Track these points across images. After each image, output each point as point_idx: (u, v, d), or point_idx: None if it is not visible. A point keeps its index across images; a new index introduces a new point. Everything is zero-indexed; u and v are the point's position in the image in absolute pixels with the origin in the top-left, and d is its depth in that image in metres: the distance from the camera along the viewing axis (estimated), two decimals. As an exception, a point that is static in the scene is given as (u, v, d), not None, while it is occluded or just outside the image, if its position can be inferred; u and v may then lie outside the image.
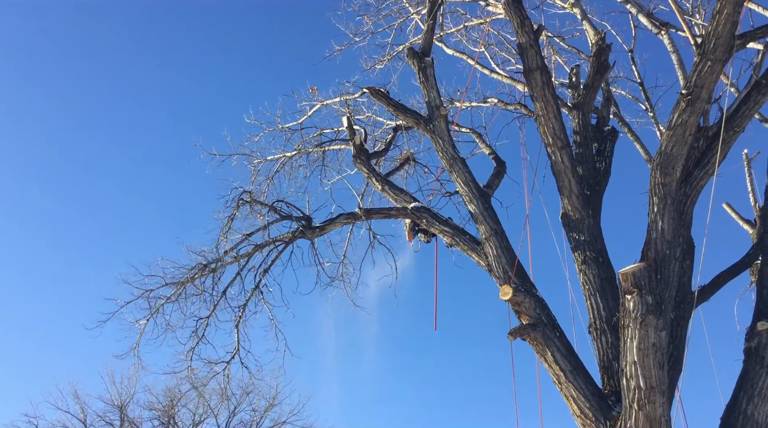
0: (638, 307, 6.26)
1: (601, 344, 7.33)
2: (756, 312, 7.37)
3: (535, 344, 7.23)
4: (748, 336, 7.20)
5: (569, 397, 6.88)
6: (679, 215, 7.20)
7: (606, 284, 7.65)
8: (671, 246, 6.87)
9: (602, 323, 7.41)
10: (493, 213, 8.41)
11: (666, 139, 6.99)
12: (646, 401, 6.12)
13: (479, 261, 8.21)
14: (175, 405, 33.60)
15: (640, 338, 6.22)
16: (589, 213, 8.16)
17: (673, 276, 6.88)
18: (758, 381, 6.86)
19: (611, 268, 7.82)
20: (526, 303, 7.40)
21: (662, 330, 6.30)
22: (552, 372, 7.09)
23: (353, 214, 9.11)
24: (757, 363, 6.96)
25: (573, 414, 6.85)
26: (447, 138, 8.87)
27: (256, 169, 11.89)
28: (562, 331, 7.35)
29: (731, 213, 9.40)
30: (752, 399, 6.79)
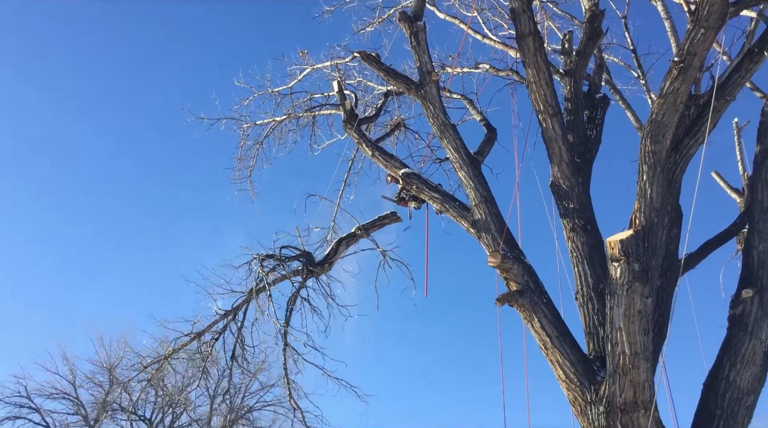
0: (625, 274, 6.32)
1: (587, 311, 7.40)
2: (741, 280, 7.44)
3: (522, 310, 7.30)
4: (733, 303, 7.28)
5: (555, 362, 6.96)
6: (668, 183, 7.22)
7: (594, 251, 7.69)
8: (659, 214, 6.90)
9: (589, 290, 7.47)
10: (483, 179, 8.40)
11: (657, 106, 6.97)
12: (630, 366, 6.21)
13: (469, 228, 8.23)
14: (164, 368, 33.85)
15: (626, 305, 6.29)
16: (578, 181, 8.17)
17: (661, 244, 6.92)
18: (741, 347, 6.96)
19: (599, 236, 7.86)
20: (515, 270, 7.44)
21: (648, 297, 6.37)
22: (538, 337, 7.17)
23: (353, 235, 8.89)
24: (740, 330, 7.05)
25: (558, 378, 6.94)
26: (438, 104, 8.82)
27: (245, 134, 11.82)
28: (550, 298, 7.41)
29: (720, 181, 9.43)
30: (735, 365, 6.89)
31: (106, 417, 32.89)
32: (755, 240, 7.53)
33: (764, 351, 7.07)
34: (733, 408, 6.71)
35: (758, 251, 7.46)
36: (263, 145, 11.76)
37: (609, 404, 6.32)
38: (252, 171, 11.80)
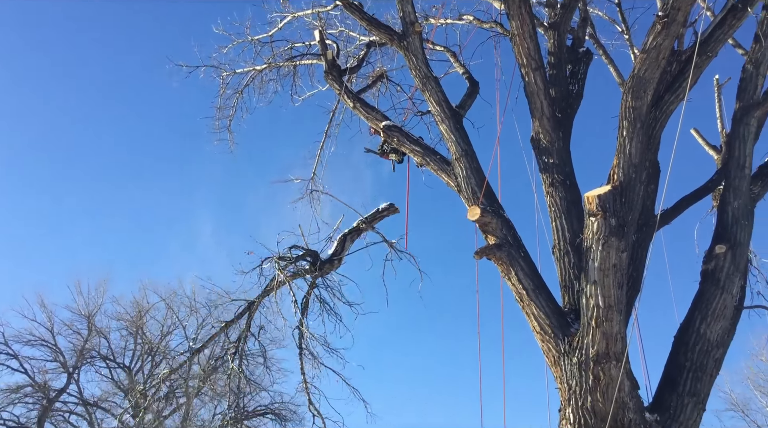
0: (602, 229, 6.39)
1: (563, 264, 7.50)
2: (715, 236, 7.57)
3: (500, 263, 7.38)
4: (706, 258, 7.41)
5: (530, 314, 7.08)
6: (647, 139, 7.25)
7: (572, 206, 7.76)
8: (637, 170, 6.96)
9: (566, 244, 7.56)
10: (464, 133, 8.39)
11: (639, 62, 6.95)
12: (603, 319, 6.33)
13: (449, 182, 8.25)
14: (143, 316, 33.96)
15: (601, 259, 6.38)
16: (559, 135, 8.19)
17: (638, 200, 6.99)
18: (713, 301, 7.12)
19: (578, 191, 7.92)
20: (493, 224, 7.49)
21: (623, 251, 6.46)
22: (515, 290, 7.27)
23: (357, 229, 8.59)
24: (712, 284, 7.20)
25: (533, 330, 7.07)
26: (421, 56, 8.72)
27: (224, 82, 11.63)
28: (527, 252, 7.49)
29: (698, 138, 9.49)
30: (705, 319, 7.06)
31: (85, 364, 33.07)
32: (730, 197, 7.64)
33: (735, 305, 7.24)
34: (702, 360, 6.90)
35: (733, 207, 7.57)
36: (243, 95, 11.60)
37: (582, 355, 6.46)
38: (231, 120, 11.67)
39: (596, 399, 6.32)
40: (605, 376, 6.30)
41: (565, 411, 6.58)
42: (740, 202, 7.58)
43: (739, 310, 7.36)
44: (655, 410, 6.63)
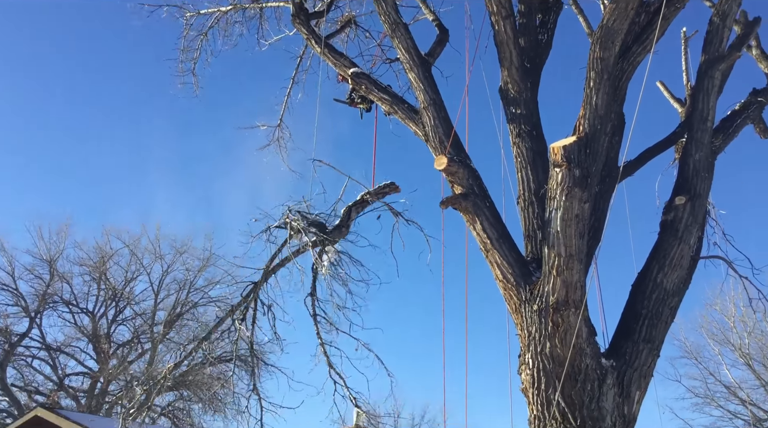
0: (566, 180, 6.47)
1: (527, 214, 7.60)
2: (675, 187, 7.72)
3: (465, 213, 7.45)
4: (666, 209, 7.57)
5: (493, 263, 7.19)
6: (613, 90, 7.30)
7: (538, 157, 7.82)
8: (603, 121, 7.02)
9: (531, 195, 7.65)
10: (433, 82, 8.33)
11: (608, 12, 6.94)
12: (564, 268, 6.47)
13: (416, 131, 8.23)
14: (106, 261, 33.68)
15: (564, 209, 6.48)
16: (527, 85, 8.19)
17: (602, 151, 7.08)
18: (670, 251, 7.30)
19: (544, 142, 7.97)
20: (460, 174, 7.53)
21: (586, 202, 6.56)
22: (479, 239, 7.37)
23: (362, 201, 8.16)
24: (671, 235, 7.37)
25: (496, 278, 7.20)
26: (390, 1, 8.58)
27: (188, 23, 11.30)
28: (492, 202, 7.56)
29: (664, 91, 9.56)
30: (663, 268, 7.25)
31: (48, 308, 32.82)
32: (692, 149, 7.77)
33: (691, 255, 7.44)
34: (658, 308, 7.11)
35: (694, 160, 7.71)
36: (208, 37, 11.31)
37: (542, 302, 6.61)
38: (195, 63, 11.39)
39: (555, 345, 6.51)
40: (564, 323, 6.47)
41: (525, 357, 6.77)
42: (701, 154, 7.72)
43: (696, 260, 7.57)
44: (611, 356, 6.85)
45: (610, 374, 6.62)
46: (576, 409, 6.37)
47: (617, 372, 6.70)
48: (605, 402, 6.47)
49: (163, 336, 33.72)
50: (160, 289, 34.80)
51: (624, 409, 6.59)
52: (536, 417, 6.56)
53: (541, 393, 6.53)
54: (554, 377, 6.47)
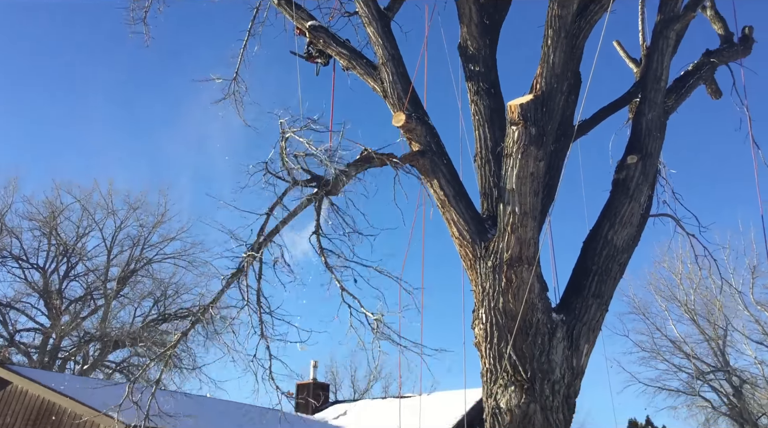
0: (522, 138, 6.53)
1: (484, 172, 7.67)
2: (628, 147, 7.86)
3: (422, 170, 7.48)
4: (618, 168, 7.72)
5: (450, 221, 7.27)
6: (570, 49, 7.33)
7: (495, 115, 7.86)
8: (559, 80, 7.07)
9: (488, 153, 7.70)
10: (392, 37, 8.24)
11: (567, -30, 6.93)
12: (518, 225, 6.57)
13: (375, 87, 8.17)
14: (57, 216, 32.94)
15: (520, 167, 6.55)
16: (486, 43, 8.17)
17: (558, 110, 7.15)
18: (621, 209, 7.47)
19: (502, 100, 8.00)
20: (418, 131, 7.53)
21: (541, 160, 6.65)
22: (436, 197, 7.42)
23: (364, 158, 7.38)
24: (622, 193, 7.53)
25: (452, 235, 7.28)
26: (348, -48, 8.41)
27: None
28: (450, 159, 7.60)
29: (620, 51, 9.64)
30: (613, 226, 7.42)
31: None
32: (645, 109, 7.90)
33: (641, 213, 7.63)
34: (607, 265, 7.30)
35: (647, 119, 7.84)
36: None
37: (496, 259, 6.73)
38: (147, 12, 11.00)
39: (508, 300, 6.65)
40: (517, 279, 6.60)
41: (478, 312, 6.90)
42: (654, 114, 7.85)
43: (645, 218, 7.77)
44: (562, 310, 7.03)
45: (560, 328, 6.81)
46: (527, 362, 6.55)
47: (567, 327, 6.89)
48: (555, 355, 6.67)
49: (117, 292, 33.34)
50: (113, 245, 34.28)
51: (573, 362, 6.81)
52: (488, 370, 6.73)
53: (493, 347, 6.69)
54: (506, 331, 6.62)
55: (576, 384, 6.86)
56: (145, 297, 34.15)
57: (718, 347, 30.12)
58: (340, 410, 23.47)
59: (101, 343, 31.81)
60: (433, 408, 20.25)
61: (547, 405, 6.48)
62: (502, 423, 6.47)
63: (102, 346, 31.90)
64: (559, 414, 6.56)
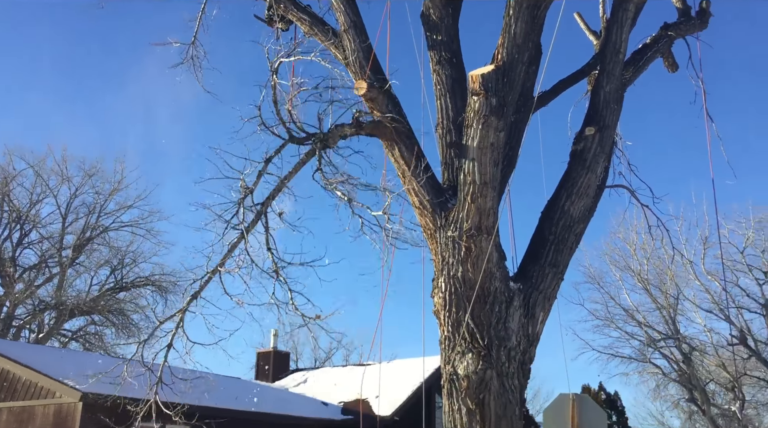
0: (483, 108, 6.56)
1: (445, 142, 7.69)
2: (586, 118, 7.97)
3: (384, 139, 7.46)
4: (576, 139, 7.83)
5: (411, 190, 7.29)
6: (532, 20, 7.34)
7: (457, 85, 7.86)
8: (520, 50, 7.09)
9: (449, 123, 7.71)
10: (354, 4, 8.14)
11: (530, -60, 6.91)
12: (478, 195, 6.64)
13: (336, 54, 8.08)
14: (9, 182, 32.07)
15: (480, 137, 6.59)
16: (449, 12, 8.13)
17: (518, 80, 7.18)
18: (578, 180, 7.59)
19: (463, 70, 7.99)
20: (379, 100, 7.49)
21: (501, 131, 6.70)
22: (398, 166, 7.43)
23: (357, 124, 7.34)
24: (579, 164, 7.65)
25: (413, 205, 7.32)
26: None
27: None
28: (411, 129, 7.59)
29: (580, 22, 9.70)
30: (570, 196, 7.55)
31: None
32: (604, 81, 8.00)
33: (598, 184, 7.77)
34: (564, 235, 7.44)
35: (605, 91, 7.95)
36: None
37: (456, 228, 6.79)
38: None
39: (466, 269, 6.74)
40: (476, 248, 6.69)
41: (438, 281, 6.99)
42: (612, 86, 7.95)
43: (602, 189, 7.92)
44: (519, 279, 7.17)
45: (517, 296, 6.94)
46: (484, 329, 6.67)
47: (524, 295, 7.02)
48: (511, 323, 6.80)
49: (72, 260, 32.75)
50: (68, 213, 33.57)
51: (528, 329, 6.96)
52: (446, 337, 6.83)
53: (452, 315, 6.79)
54: (465, 299, 6.72)
55: (531, 351, 7.02)
56: (102, 266, 33.64)
57: (669, 315, 31.05)
58: (300, 378, 23.65)
59: (57, 312, 31.29)
60: (393, 375, 20.54)
61: (503, 371, 6.62)
62: (459, 388, 6.60)
63: (57, 315, 31.39)
64: (515, 380, 6.72)
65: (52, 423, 13.56)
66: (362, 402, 19.41)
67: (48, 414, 13.66)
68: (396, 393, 19.31)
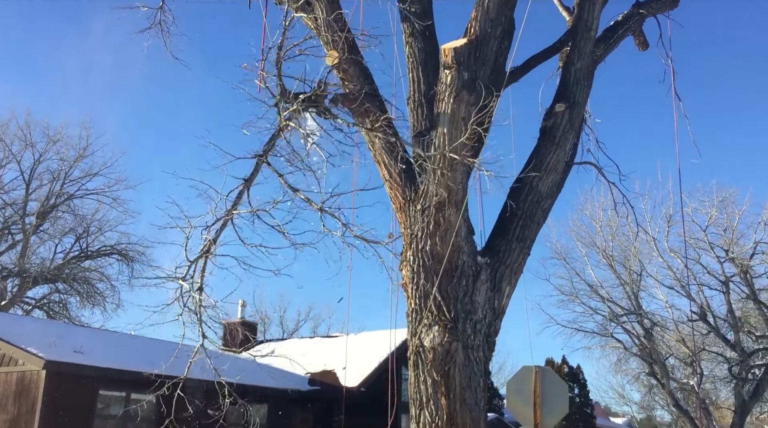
0: (454, 82, 6.55)
1: (417, 115, 7.66)
2: (556, 95, 8.00)
3: (355, 112, 7.41)
4: (546, 116, 7.86)
5: (381, 163, 7.28)
6: (505, -7, 7.32)
7: (429, 58, 7.81)
8: (494, 24, 7.08)
9: (421, 96, 7.68)
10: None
11: None
12: (448, 169, 6.65)
13: (308, 23, 7.96)
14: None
15: (452, 111, 6.59)
16: (423, -17, 8.05)
17: (491, 55, 7.17)
18: (547, 156, 7.64)
19: (436, 43, 7.95)
20: (351, 71, 7.43)
21: (472, 105, 6.70)
22: (368, 138, 7.40)
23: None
24: (548, 140, 7.70)
25: (383, 178, 7.31)
26: None
27: None
28: (383, 102, 7.55)
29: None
30: (539, 172, 7.59)
31: None
32: (575, 58, 8.02)
33: (566, 160, 7.83)
34: (532, 210, 7.50)
35: (576, 68, 7.98)
36: None
37: (425, 202, 6.82)
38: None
39: (435, 242, 6.77)
40: (445, 222, 6.72)
41: (406, 254, 7.02)
42: (583, 63, 7.99)
43: (570, 166, 7.98)
44: (486, 253, 7.22)
45: (485, 270, 7.01)
46: (451, 302, 6.73)
47: (491, 269, 7.09)
48: (478, 296, 6.87)
49: (36, 227, 32.19)
50: (32, 179, 32.90)
51: (495, 303, 7.04)
52: (414, 310, 6.89)
53: (419, 288, 6.84)
54: (433, 273, 6.77)
55: (497, 324, 7.11)
56: (67, 234, 33.14)
57: (632, 291, 31.66)
58: (268, 348, 23.68)
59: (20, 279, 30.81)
60: (360, 347, 20.68)
61: (469, 343, 6.71)
62: (425, 360, 6.67)
63: (21, 282, 30.91)
64: (480, 352, 6.81)
65: (15, 391, 13.43)
66: (329, 373, 19.55)
67: (10, 381, 13.51)
68: (363, 364, 19.47)
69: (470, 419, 6.55)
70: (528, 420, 7.68)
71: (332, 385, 18.86)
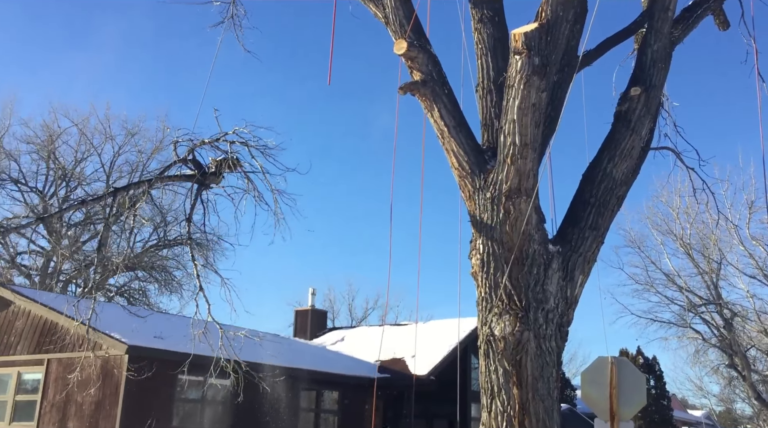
0: (525, 68, 6.42)
1: (486, 103, 7.59)
2: (632, 78, 7.75)
3: (423, 100, 7.39)
4: (621, 100, 7.63)
5: (450, 151, 7.24)
6: (578, -24, 7.14)
7: (498, 44, 7.71)
8: (565, 7, 6.91)
9: (489, 83, 7.60)
10: (394, -39, 8.00)
11: None
12: (518, 156, 6.55)
13: (376, 13, 7.99)
14: (55, 140, 32.71)
15: (522, 98, 6.47)
16: (491, -32, 7.94)
17: (562, 39, 7.00)
18: (622, 142, 7.43)
19: (506, 28, 7.84)
20: (420, 59, 7.40)
21: (544, 91, 6.56)
22: (437, 127, 7.37)
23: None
24: (623, 125, 7.48)
25: (452, 166, 7.27)
26: None
27: None
28: (451, 89, 7.50)
29: (628, -21, 9.40)
30: (613, 159, 7.41)
31: (-6, 186, 32.05)
32: (651, 39, 7.75)
33: (642, 146, 7.60)
34: (605, 197, 7.32)
35: (653, 50, 7.71)
36: None
37: (495, 190, 6.74)
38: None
39: (505, 231, 6.70)
40: (515, 210, 6.64)
41: (476, 243, 6.97)
42: (660, 44, 7.71)
43: (646, 151, 7.74)
44: (558, 242, 7.10)
45: (556, 259, 6.89)
46: (522, 291, 6.65)
47: (562, 258, 6.97)
48: (550, 285, 6.77)
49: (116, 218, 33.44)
50: (112, 171, 34.20)
51: (567, 292, 6.92)
52: (483, 299, 6.84)
53: (489, 277, 6.78)
54: (503, 261, 6.70)
55: (569, 313, 7.00)
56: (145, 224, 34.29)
57: (711, 280, 30.54)
58: (338, 336, 23.99)
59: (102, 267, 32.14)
60: (429, 335, 20.70)
61: (541, 333, 6.62)
62: (496, 349, 6.62)
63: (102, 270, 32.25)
64: (552, 342, 6.71)
65: (100, 375, 14.04)
66: (398, 361, 19.65)
67: (95, 365, 14.13)
68: (432, 353, 19.49)
69: (543, 409, 6.48)
70: (604, 411, 7.53)
71: (402, 373, 18.96)
